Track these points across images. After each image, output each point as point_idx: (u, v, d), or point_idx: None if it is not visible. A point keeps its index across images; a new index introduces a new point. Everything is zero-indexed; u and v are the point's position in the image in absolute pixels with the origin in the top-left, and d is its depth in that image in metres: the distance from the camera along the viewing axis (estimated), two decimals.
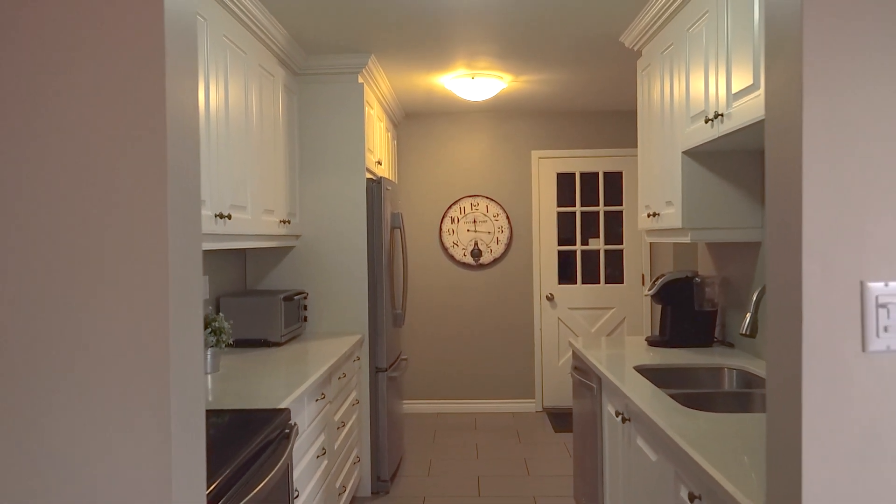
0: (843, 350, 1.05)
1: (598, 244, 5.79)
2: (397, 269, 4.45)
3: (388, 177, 5.04)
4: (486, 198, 5.77)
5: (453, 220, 5.78)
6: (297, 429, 2.21)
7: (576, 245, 5.79)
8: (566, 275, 5.80)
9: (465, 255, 5.77)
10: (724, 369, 2.79)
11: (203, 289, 2.73)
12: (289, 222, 3.65)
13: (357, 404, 3.83)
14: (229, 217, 2.71)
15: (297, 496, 2.40)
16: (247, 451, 1.82)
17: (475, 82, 4.48)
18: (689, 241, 2.80)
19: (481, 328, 5.79)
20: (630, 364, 2.80)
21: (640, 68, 3.47)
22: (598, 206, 5.78)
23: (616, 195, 5.78)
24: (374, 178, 4.30)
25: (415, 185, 5.80)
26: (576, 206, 5.79)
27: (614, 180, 5.78)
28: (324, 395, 2.93)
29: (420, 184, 5.79)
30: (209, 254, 3.47)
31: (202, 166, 2.51)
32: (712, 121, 2.42)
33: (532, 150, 5.77)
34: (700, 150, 2.71)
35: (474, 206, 5.78)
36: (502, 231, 5.76)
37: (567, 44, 3.81)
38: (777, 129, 1.13)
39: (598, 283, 5.78)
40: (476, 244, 5.76)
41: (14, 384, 1.01)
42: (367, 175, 4.15)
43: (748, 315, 2.16)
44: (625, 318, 5.77)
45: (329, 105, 4.02)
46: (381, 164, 4.64)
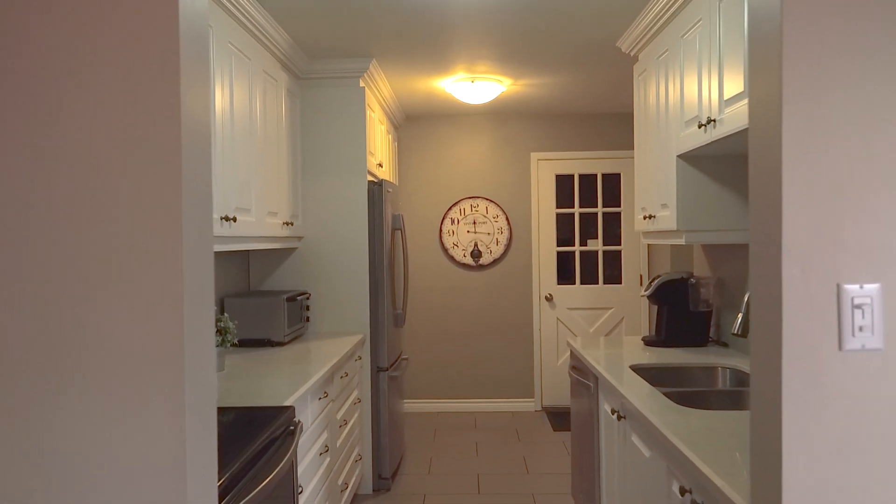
0: (821, 349, 1.11)
1: (596, 245, 5.85)
2: (398, 269, 4.50)
3: (389, 179, 5.10)
4: (486, 199, 5.82)
5: (453, 222, 5.84)
6: (301, 426, 2.27)
7: (574, 246, 5.85)
8: (565, 275, 5.86)
9: (464, 255, 5.82)
10: (718, 368, 2.85)
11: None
12: (292, 224, 3.71)
13: (359, 403, 3.89)
14: (234, 219, 2.77)
15: (301, 492, 2.45)
16: (253, 447, 1.88)
17: (475, 86, 4.53)
18: (683, 243, 2.86)
19: (481, 328, 5.84)
20: (626, 363, 2.86)
21: (636, 73, 3.52)
22: (597, 207, 5.84)
23: (614, 196, 5.84)
24: (375, 180, 4.36)
25: (415, 187, 5.85)
26: (574, 208, 5.85)
27: (612, 182, 5.83)
28: (326, 393, 2.99)
29: (420, 185, 5.85)
30: (214, 255, 3.52)
31: None
32: (705, 126, 2.48)
33: (531, 152, 5.82)
34: (694, 153, 2.77)
35: (474, 208, 5.83)
36: (502, 232, 5.82)
37: (565, 49, 3.87)
38: (759, 136, 1.19)
39: (597, 283, 5.84)
40: (476, 245, 5.82)
41: (37, 381, 1.07)
42: (369, 177, 4.21)
43: (740, 315, 2.21)
44: (623, 318, 5.83)
45: (331, 108, 4.08)
46: (382, 167, 4.70)
